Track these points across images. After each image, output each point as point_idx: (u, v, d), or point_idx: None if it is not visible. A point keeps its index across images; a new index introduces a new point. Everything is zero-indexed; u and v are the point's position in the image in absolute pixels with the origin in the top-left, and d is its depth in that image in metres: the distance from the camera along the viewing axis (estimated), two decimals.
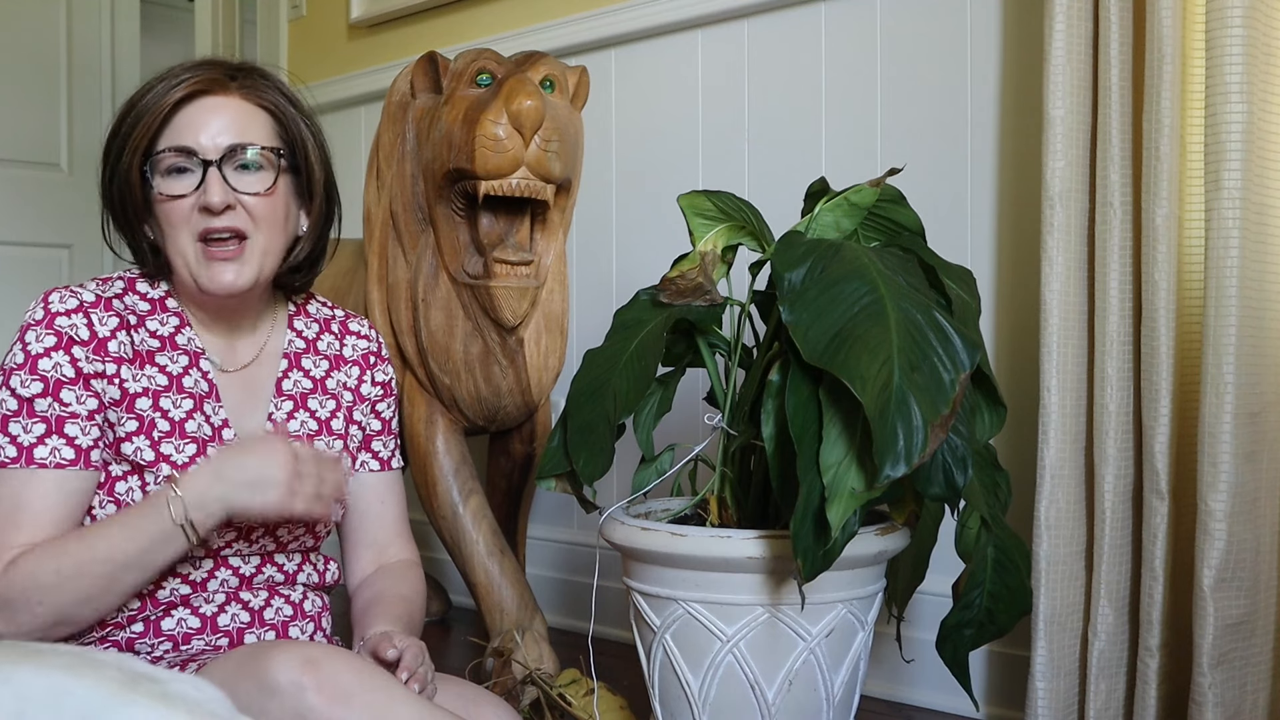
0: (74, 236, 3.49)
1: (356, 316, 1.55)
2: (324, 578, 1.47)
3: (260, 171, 1.34)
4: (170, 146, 1.32)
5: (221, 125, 1.33)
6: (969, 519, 1.53)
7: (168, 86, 1.33)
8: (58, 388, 1.29)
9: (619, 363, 1.57)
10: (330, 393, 1.47)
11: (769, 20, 2.25)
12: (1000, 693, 1.93)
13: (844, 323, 1.34)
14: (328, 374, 1.48)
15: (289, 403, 1.44)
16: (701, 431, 2.18)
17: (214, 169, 1.31)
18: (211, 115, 1.33)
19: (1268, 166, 1.60)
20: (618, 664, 2.01)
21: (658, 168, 2.42)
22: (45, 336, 1.31)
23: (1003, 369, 1.95)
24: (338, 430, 1.46)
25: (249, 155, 1.33)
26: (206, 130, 1.32)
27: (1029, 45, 1.91)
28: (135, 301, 1.38)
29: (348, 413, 1.48)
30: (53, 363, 1.29)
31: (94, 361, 1.31)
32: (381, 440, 1.52)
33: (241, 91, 1.35)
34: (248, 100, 1.35)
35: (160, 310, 1.39)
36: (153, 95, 1.33)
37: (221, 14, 3.50)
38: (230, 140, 1.32)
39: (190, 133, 1.32)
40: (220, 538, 1.34)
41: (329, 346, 1.50)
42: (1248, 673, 1.61)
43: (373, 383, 1.52)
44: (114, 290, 1.37)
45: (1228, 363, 1.55)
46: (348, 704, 1.12)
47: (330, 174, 1.44)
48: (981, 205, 1.99)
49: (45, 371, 1.29)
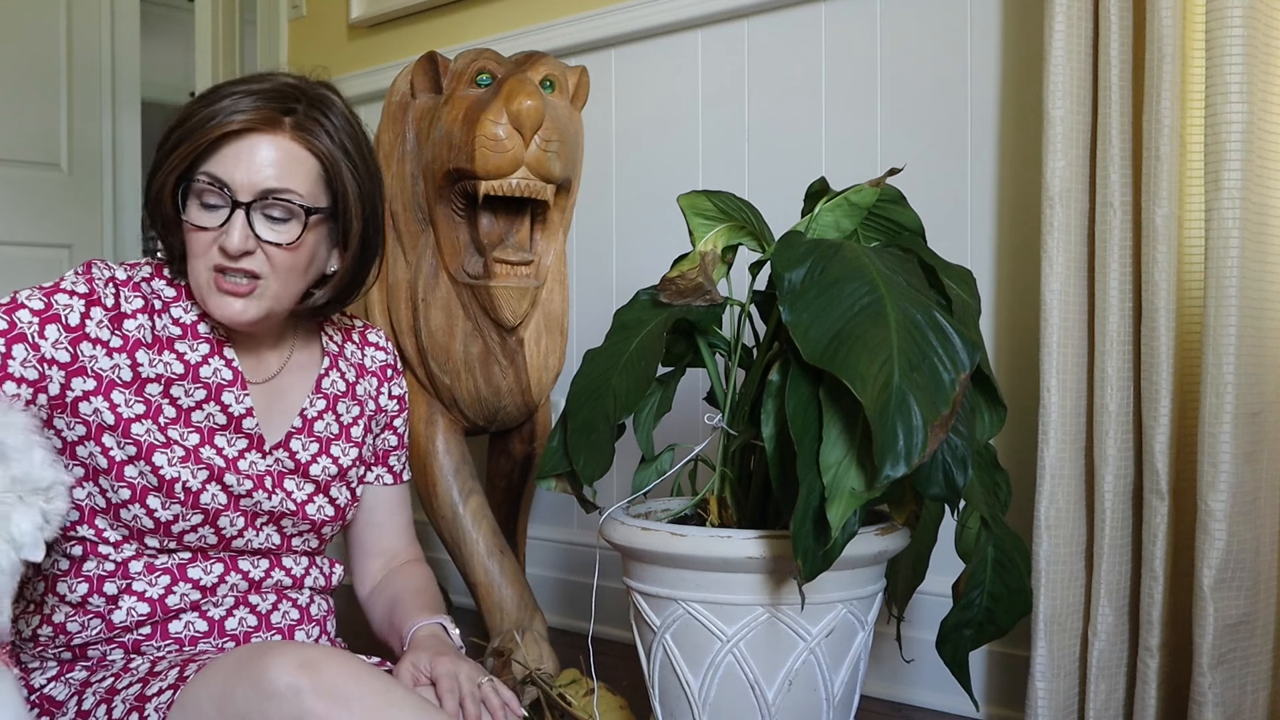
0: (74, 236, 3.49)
1: (373, 328, 1.56)
2: (330, 580, 1.48)
3: (288, 223, 1.31)
4: (206, 173, 1.30)
5: (261, 167, 1.29)
6: (969, 519, 1.53)
7: (226, 112, 1.29)
8: (51, 319, 1.27)
9: (619, 363, 1.57)
10: (357, 399, 1.48)
11: (769, 20, 2.25)
12: (1000, 693, 1.93)
13: (844, 323, 1.34)
14: (356, 380, 1.49)
15: (323, 401, 1.45)
16: (701, 431, 2.18)
17: (240, 212, 1.29)
18: (254, 154, 1.29)
19: (1268, 166, 1.59)
20: (618, 664, 2.01)
21: (658, 168, 2.42)
22: (79, 284, 1.31)
23: (1003, 369, 1.95)
24: (356, 438, 1.47)
25: (279, 208, 1.30)
26: (245, 169, 1.29)
27: (1029, 45, 1.91)
28: (162, 287, 1.38)
29: (368, 422, 1.49)
30: (68, 302, 1.29)
31: (104, 328, 1.30)
32: (397, 455, 1.56)
33: (294, 133, 1.31)
34: (297, 143, 1.31)
35: (185, 297, 1.38)
36: (208, 114, 1.29)
37: (221, 14, 3.50)
38: (267, 185, 1.29)
39: (228, 167, 1.29)
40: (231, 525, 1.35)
41: (353, 355, 1.51)
42: (1248, 673, 1.61)
43: (389, 396, 1.53)
44: (142, 274, 1.37)
45: (1228, 363, 1.55)
46: (346, 706, 1.12)
47: (376, 219, 1.40)
48: (981, 205, 1.99)
49: (56, 303, 1.28)
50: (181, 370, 1.35)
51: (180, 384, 1.34)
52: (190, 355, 1.35)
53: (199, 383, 1.35)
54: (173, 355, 1.35)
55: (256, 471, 1.38)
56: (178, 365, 1.34)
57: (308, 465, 1.42)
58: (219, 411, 1.36)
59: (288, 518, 1.39)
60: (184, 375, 1.35)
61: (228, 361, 1.37)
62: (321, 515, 1.42)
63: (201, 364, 1.36)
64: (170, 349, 1.35)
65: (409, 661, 1.31)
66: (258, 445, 1.39)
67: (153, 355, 1.33)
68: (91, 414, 1.29)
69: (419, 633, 1.38)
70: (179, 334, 1.36)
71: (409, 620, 1.40)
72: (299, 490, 1.41)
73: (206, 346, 1.37)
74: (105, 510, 1.32)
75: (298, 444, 1.42)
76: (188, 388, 1.34)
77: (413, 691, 1.22)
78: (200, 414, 1.35)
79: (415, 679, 1.29)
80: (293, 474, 1.41)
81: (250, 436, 1.38)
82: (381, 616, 1.49)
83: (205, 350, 1.37)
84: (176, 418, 1.33)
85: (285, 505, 1.39)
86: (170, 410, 1.33)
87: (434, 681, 1.28)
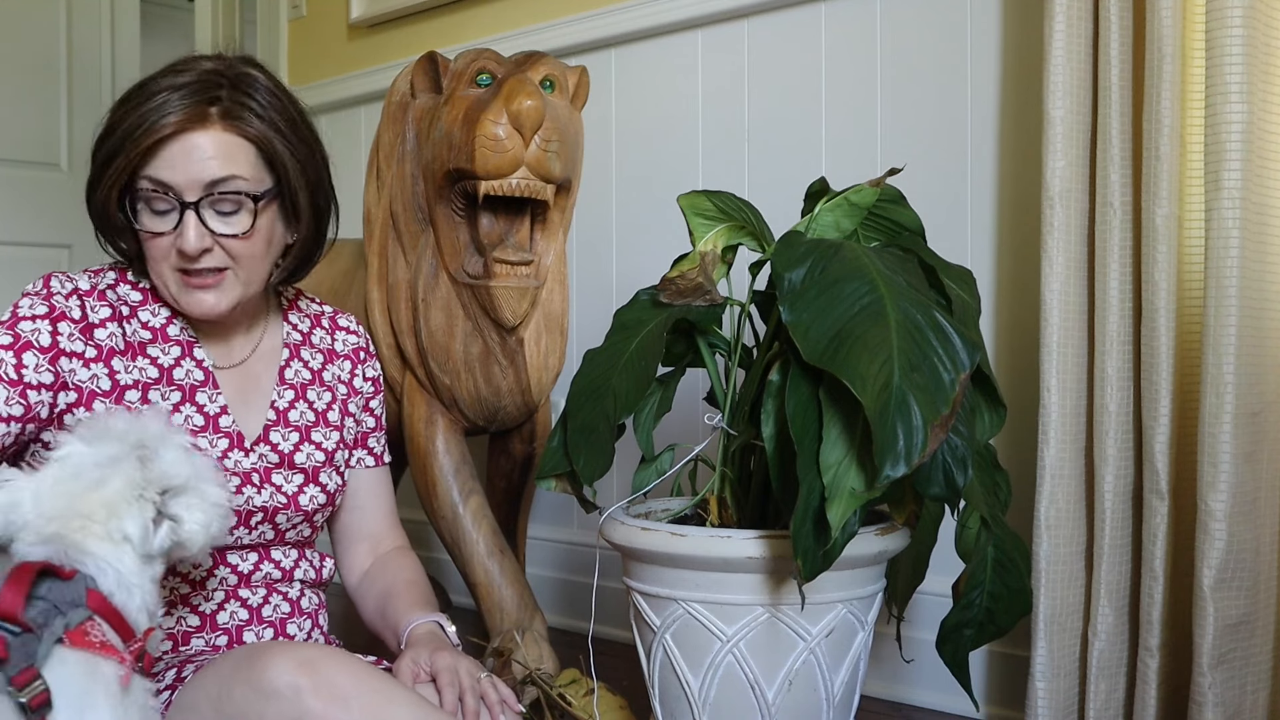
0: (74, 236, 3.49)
1: (343, 313, 1.57)
2: (320, 574, 1.48)
3: (238, 214, 1.31)
4: (149, 177, 1.29)
5: (200, 162, 1.29)
6: (969, 519, 1.53)
7: (156, 116, 1.28)
8: (24, 348, 1.27)
9: (619, 363, 1.57)
10: (326, 385, 1.49)
11: (769, 20, 2.25)
12: (1000, 693, 1.93)
13: (844, 323, 1.34)
14: (323, 367, 1.49)
15: (290, 392, 1.45)
16: (701, 431, 2.18)
17: (190, 212, 1.29)
18: (190, 152, 1.29)
19: (1268, 166, 1.59)
20: (618, 664, 2.01)
21: (658, 168, 2.42)
22: (38, 305, 1.31)
23: (1003, 369, 1.95)
24: (334, 422, 1.48)
25: (226, 202, 1.30)
26: (184, 169, 1.29)
27: (1029, 45, 1.91)
28: (127, 292, 1.38)
29: (343, 405, 1.49)
30: (34, 328, 1.29)
31: (75, 340, 1.30)
32: (375, 436, 1.55)
33: (223, 123, 1.31)
34: (229, 132, 1.31)
35: (151, 301, 1.39)
36: (138, 119, 1.29)
37: (221, 14, 3.50)
38: (210, 177, 1.29)
39: (167, 170, 1.29)
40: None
41: (321, 340, 1.51)
42: (1248, 673, 1.61)
43: (364, 378, 1.54)
44: (107, 281, 1.38)
45: (1228, 363, 1.55)
46: (345, 706, 1.12)
47: (321, 184, 1.41)
48: (981, 205, 1.99)
49: (23, 331, 1.28)
50: (156, 375, 1.35)
51: (156, 389, 1.34)
52: (163, 359, 1.36)
53: (173, 385, 1.36)
54: (146, 360, 1.35)
55: (242, 469, 1.38)
56: (152, 370, 1.35)
57: (291, 455, 1.42)
58: (195, 413, 1.36)
59: (281, 512, 1.39)
60: (159, 379, 1.35)
61: (199, 362, 1.38)
62: (314, 504, 1.42)
63: (174, 366, 1.37)
64: (143, 354, 1.35)
65: (409, 657, 1.31)
66: (238, 444, 1.39)
67: (127, 362, 1.33)
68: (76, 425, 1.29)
69: (417, 630, 1.38)
70: (149, 338, 1.36)
71: (405, 616, 1.40)
72: (288, 483, 1.41)
73: (178, 349, 1.37)
74: None
75: (277, 436, 1.42)
76: (164, 391, 1.35)
77: (411, 690, 1.22)
78: (178, 417, 1.35)
79: (415, 674, 1.29)
80: (279, 468, 1.41)
81: (230, 435, 1.38)
82: (374, 608, 1.48)
83: (177, 353, 1.37)
84: None
85: (276, 500, 1.39)
86: None
87: (434, 676, 1.28)
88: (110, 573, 1.07)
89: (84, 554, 1.06)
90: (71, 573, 1.04)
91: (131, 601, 1.08)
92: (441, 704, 1.25)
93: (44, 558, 1.05)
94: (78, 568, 1.05)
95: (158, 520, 1.10)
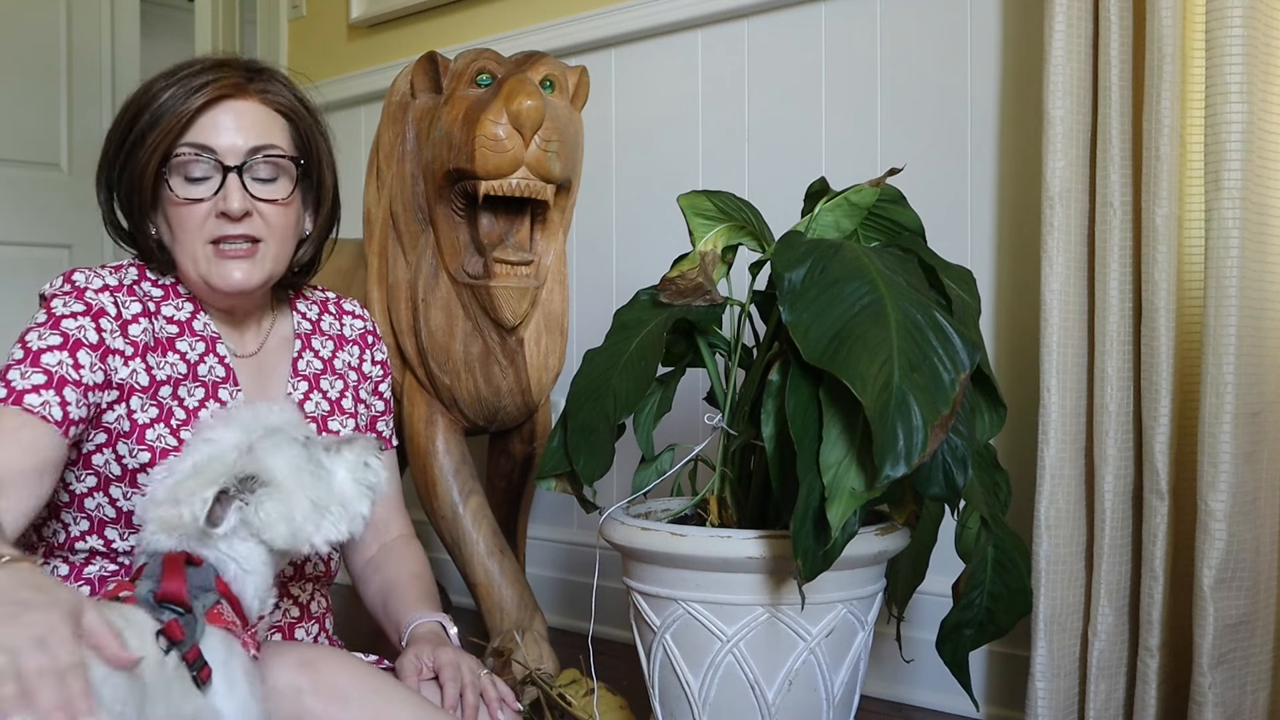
0: (74, 236, 3.49)
1: (346, 298, 1.58)
2: (330, 568, 1.48)
3: (278, 181, 1.34)
4: (189, 143, 1.30)
5: (243, 130, 1.32)
6: (969, 519, 1.53)
7: (187, 90, 1.31)
8: (76, 347, 1.26)
9: (619, 363, 1.57)
10: (338, 373, 1.49)
11: (769, 20, 2.25)
12: (1000, 693, 1.93)
13: (844, 323, 1.34)
14: (334, 354, 1.50)
15: (304, 383, 1.46)
16: (701, 431, 2.18)
17: (234, 175, 1.30)
18: (233, 119, 1.32)
19: (1268, 166, 1.59)
20: (618, 664, 2.01)
21: (658, 168, 2.42)
22: (73, 303, 1.29)
23: (1003, 369, 1.95)
24: (348, 410, 1.48)
25: (267, 164, 1.32)
26: (228, 134, 1.31)
27: (1029, 45, 1.91)
28: (149, 288, 1.38)
29: (355, 392, 1.50)
30: (78, 324, 1.28)
31: (116, 337, 1.30)
32: (384, 420, 1.56)
33: (260, 96, 1.34)
34: (265, 105, 1.35)
35: (174, 295, 1.39)
36: (170, 98, 1.31)
37: (221, 14, 3.50)
38: (252, 143, 1.32)
39: (211, 133, 1.31)
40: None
41: (330, 327, 1.52)
42: (1248, 673, 1.61)
43: (373, 361, 1.54)
44: (131, 277, 1.37)
45: (1228, 363, 1.55)
46: (345, 705, 1.13)
47: (335, 175, 1.45)
48: (981, 205, 1.99)
49: (69, 330, 1.27)
50: (185, 370, 1.35)
51: (185, 384, 1.34)
52: (190, 354, 1.36)
53: (198, 381, 1.35)
54: (176, 355, 1.35)
55: None
56: (181, 365, 1.35)
57: None
58: (217, 409, 1.36)
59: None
60: (187, 375, 1.35)
61: (220, 359, 1.38)
62: None
63: (199, 362, 1.36)
64: (172, 349, 1.35)
65: (411, 654, 1.32)
66: None
67: (159, 358, 1.33)
68: (114, 421, 1.29)
69: (419, 628, 1.38)
70: (176, 333, 1.36)
71: (408, 613, 1.40)
72: None
73: (202, 345, 1.37)
74: (115, 520, 1.31)
75: None
76: (190, 388, 1.35)
77: (411, 691, 1.23)
78: (205, 413, 1.35)
79: (418, 670, 1.29)
80: None
81: None
82: (376, 598, 1.48)
83: (202, 349, 1.37)
84: (186, 420, 1.33)
85: None
86: (180, 413, 1.33)
87: (436, 672, 1.28)
88: (231, 564, 1.13)
89: (210, 544, 1.12)
90: (200, 560, 1.11)
91: (246, 590, 1.13)
92: (443, 698, 1.25)
93: (173, 547, 1.11)
94: (204, 556, 1.12)
95: (222, 501, 1.11)
